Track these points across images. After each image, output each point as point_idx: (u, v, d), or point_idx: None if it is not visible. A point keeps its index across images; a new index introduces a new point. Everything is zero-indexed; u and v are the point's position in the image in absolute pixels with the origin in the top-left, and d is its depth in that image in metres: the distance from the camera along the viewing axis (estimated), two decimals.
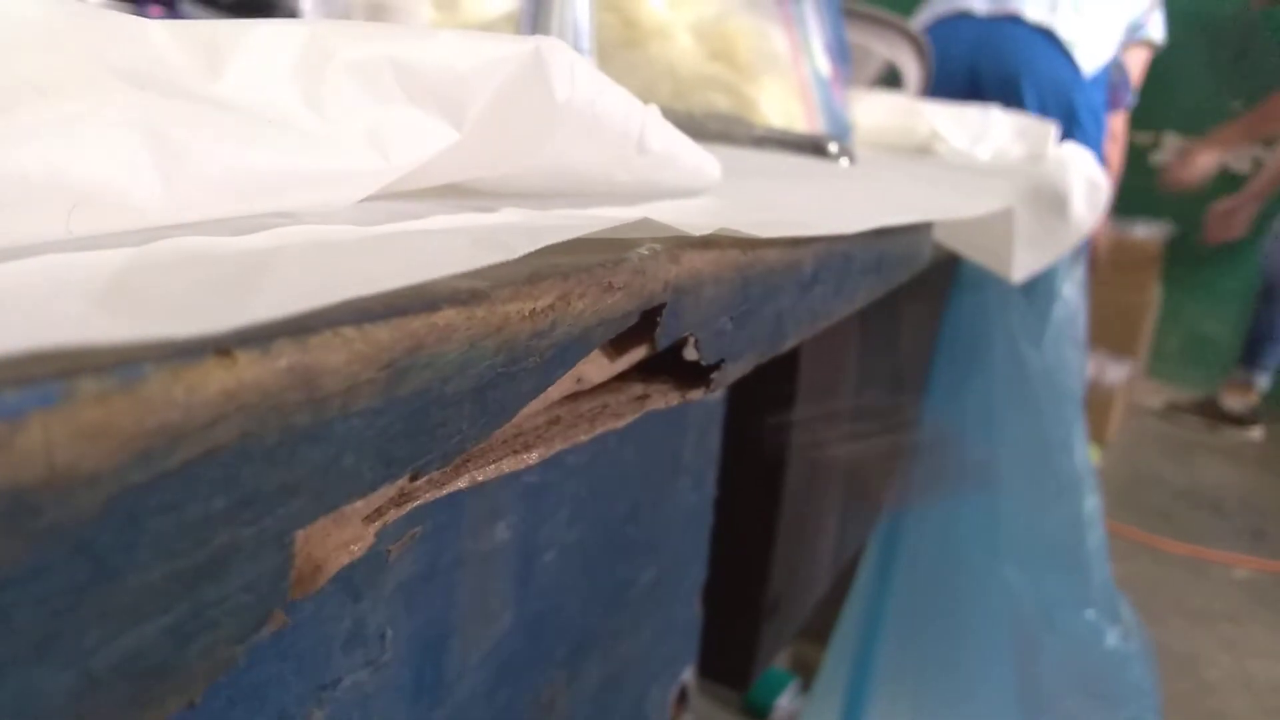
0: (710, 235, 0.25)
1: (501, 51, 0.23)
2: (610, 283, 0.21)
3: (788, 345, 0.31)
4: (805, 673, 1.23)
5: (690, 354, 0.25)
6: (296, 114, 0.20)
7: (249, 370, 0.12)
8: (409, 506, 0.18)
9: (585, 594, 0.38)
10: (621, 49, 1.07)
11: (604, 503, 0.38)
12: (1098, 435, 2.34)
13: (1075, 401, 0.95)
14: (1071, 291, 0.99)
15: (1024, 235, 0.72)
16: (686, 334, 0.25)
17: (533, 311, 0.18)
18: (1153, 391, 3.05)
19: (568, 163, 0.26)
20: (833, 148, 0.57)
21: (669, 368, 0.27)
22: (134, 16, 0.18)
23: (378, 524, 0.17)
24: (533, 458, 0.22)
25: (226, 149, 0.18)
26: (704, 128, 0.59)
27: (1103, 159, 2.01)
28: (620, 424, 0.24)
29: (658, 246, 0.23)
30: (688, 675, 0.48)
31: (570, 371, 0.21)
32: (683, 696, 0.48)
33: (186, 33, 0.19)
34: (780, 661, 1.26)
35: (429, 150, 0.22)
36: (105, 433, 0.10)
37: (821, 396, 0.63)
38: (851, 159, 0.57)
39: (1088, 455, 0.97)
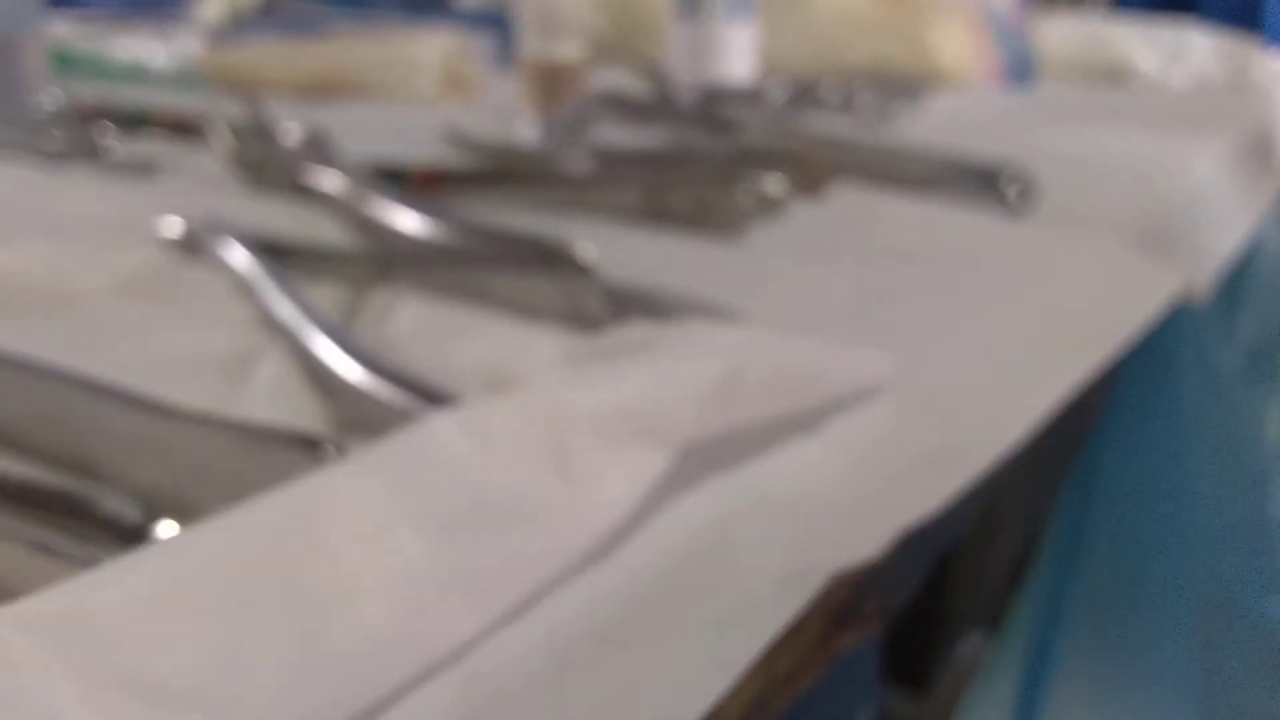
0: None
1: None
2: None
3: None
4: None
5: None
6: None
7: None
8: None
9: None
10: (788, 1, 1.06)
11: None
12: None
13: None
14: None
15: (1210, 220, 0.66)
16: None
17: None
18: None
19: None
20: (1007, 185, 0.56)
21: None
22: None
23: None
24: None
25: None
26: (858, 160, 0.57)
27: None
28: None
29: None
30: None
31: None
32: None
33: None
34: None
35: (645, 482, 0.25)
36: None
37: None
38: (1026, 191, 0.56)
39: None
